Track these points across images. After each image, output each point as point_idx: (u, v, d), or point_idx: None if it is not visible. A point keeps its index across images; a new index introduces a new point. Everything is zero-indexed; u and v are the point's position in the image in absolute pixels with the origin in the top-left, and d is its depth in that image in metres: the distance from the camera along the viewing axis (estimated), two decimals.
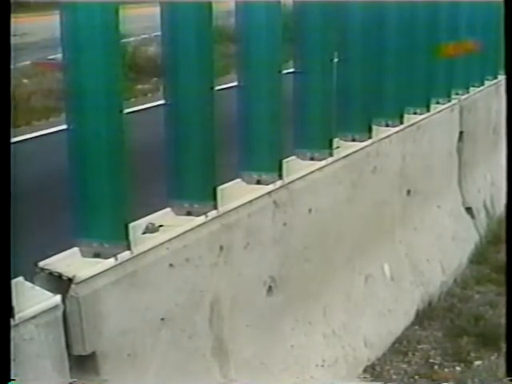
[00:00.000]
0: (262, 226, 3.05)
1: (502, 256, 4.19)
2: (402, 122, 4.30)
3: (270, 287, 3.11)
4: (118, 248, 2.40)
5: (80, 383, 2.24)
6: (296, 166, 3.35)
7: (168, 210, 2.79)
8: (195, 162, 2.80)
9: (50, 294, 2.19)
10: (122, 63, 2.42)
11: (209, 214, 2.76)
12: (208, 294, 2.77)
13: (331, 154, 3.53)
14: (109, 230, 2.43)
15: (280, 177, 3.15)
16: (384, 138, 4.07)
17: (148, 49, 13.60)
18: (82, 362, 2.26)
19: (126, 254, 2.40)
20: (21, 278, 2.17)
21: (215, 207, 2.78)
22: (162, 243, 2.55)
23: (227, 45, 8.27)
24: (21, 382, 1.98)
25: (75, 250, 2.42)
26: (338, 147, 3.60)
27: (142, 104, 9.66)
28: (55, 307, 2.17)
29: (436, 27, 4.77)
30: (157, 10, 2.75)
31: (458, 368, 3.75)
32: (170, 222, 2.69)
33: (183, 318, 2.64)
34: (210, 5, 2.70)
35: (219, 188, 2.82)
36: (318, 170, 3.44)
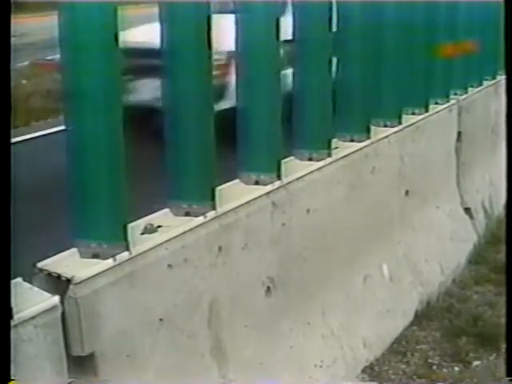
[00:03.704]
0: (260, 226, 3.05)
1: (501, 256, 4.20)
2: (400, 123, 4.30)
3: (268, 288, 3.11)
4: (116, 248, 2.40)
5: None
6: (294, 167, 3.35)
7: (167, 210, 2.79)
8: (194, 163, 2.80)
9: (48, 294, 2.19)
10: (121, 64, 2.41)
11: (207, 214, 2.76)
12: (207, 294, 2.77)
13: (330, 155, 3.54)
14: (107, 231, 2.43)
15: (278, 177, 3.15)
16: (382, 139, 4.08)
17: None
18: (80, 363, 2.26)
19: (124, 255, 2.40)
20: (19, 279, 2.18)
21: (214, 208, 2.78)
22: (161, 244, 2.55)
23: None
24: (20, 382, 1.98)
25: (74, 250, 2.42)
26: (336, 148, 3.61)
27: None
28: (54, 308, 2.17)
29: (434, 27, 4.77)
30: (155, 10, 2.75)
31: (456, 368, 3.75)
32: (169, 222, 2.69)
33: (182, 319, 2.64)
34: (208, 5, 2.70)
35: (218, 188, 2.82)
36: (316, 170, 3.44)
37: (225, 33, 3.14)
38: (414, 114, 4.60)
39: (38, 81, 11.65)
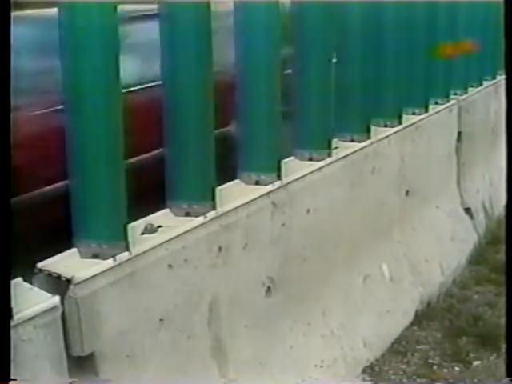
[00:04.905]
0: (260, 226, 3.05)
1: (501, 256, 4.19)
2: (400, 123, 4.31)
3: (268, 288, 3.10)
4: (116, 249, 2.40)
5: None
6: (295, 167, 3.35)
7: (167, 210, 2.79)
8: (193, 163, 2.80)
9: (48, 294, 2.19)
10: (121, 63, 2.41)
11: (207, 214, 2.76)
12: (207, 294, 2.77)
13: (330, 155, 3.54)
14: (107, 231, 2.43)
15: (279, 177, 3.15)
16: (383, 139, 4.08)
17: None
18: (80, 363, 2.26)
19: (124, 255, 2.40)
20: (19, 279, 2.18)
21: (214, 208, 2.78)
22: (161, 244, 2.55)
23: None
24: (21, 382, 1.98)
25: (74, 250, 2.42)
26: (336, 148, 3.60)
27: None
28: (54, 308, 2.17)
29: (434, 27, 4.77)
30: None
31: (456, 368, 3.75)
32: (169, 222, 2.69)
33: (182, 319, 2.64)
34: (208, 5, 2.70)
35: (218, 188, 2.82)
36: (316, 170, 3.44)
37: None
38: (414, 113, 4.60)
39: None
